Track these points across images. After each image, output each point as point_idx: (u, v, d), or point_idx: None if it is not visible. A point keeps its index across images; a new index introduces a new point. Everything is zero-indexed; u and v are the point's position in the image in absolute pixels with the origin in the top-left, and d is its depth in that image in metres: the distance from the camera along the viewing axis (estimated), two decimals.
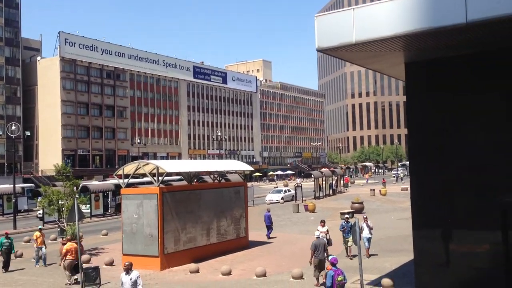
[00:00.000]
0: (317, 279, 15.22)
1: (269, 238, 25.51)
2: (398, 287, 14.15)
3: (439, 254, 14.11)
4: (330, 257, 12.19)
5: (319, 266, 15.17)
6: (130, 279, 11.07)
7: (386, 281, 14.37)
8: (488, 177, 13.36)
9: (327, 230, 18.57)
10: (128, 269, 11.16)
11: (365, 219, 19.66)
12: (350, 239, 18.45)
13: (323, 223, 18.87)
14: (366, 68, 17.40)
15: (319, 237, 15.89)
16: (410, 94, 15.43)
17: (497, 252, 12.55)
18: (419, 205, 14.74)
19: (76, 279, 16.69)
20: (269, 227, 25.88)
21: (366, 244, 19.06)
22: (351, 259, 18.69)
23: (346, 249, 19.41)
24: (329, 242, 17.89)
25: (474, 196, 13.54)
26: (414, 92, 15.23)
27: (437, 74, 14.59)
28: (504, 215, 10.60)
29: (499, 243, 12.57)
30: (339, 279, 11.00)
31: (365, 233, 18.93)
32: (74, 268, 16.73)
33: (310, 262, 15.67)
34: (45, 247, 20.57)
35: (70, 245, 17.11)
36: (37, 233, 20.47)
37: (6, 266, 19.25)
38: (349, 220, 19.83)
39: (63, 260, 16.89)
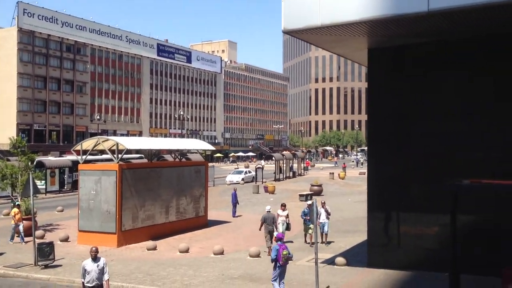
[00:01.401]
0: (269, 248, 16.31)
1: (234, 216, 25.85)
2: (351, 265, 14.61)
3: (391, 235, 14.66)
4: (275, 233, 12.46)
5: (270, 236, 16.79)
6: (97, 266, 9.82)
7: (340, 260, 14.81)
8: (441, 162, 13.90)
9: (287, 215, 18.23)
10: (95, 256, 9.88)
11: (323, 204, 18.77)
12: (312, 226, 17.52)
13: (283, 206, 18.37)
14: (331, 52, 17.60)
15: (269, 211, 17.66)
16: (371, 80, 15.77)
17: (446, 234, 13.08)
18: (374, 187, 15.22)
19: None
20: (235, 206, 26.24)
21: (323, 229, 18.34)
22: (311, 246, 17.58)
23: (305, 235, 18.63)
24: (288, 227, 18.10)
25: (427, 181, 14.08)
26: (375, 78, 15.57)
27: (399, 61, 14.95)
28: (453, 198, 11.04)
29: (447, 225, 13.07)
30: (284, 253, 11.49)
31: (322, 218, 18.28)
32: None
33: (260, 229, 17.63)
34: (23, 224, 19.27)
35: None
36: (15, 210, 19.38)
37: None
38: (312, 207, 18.93)
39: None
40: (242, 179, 49.21)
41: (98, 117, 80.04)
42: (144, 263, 15.73)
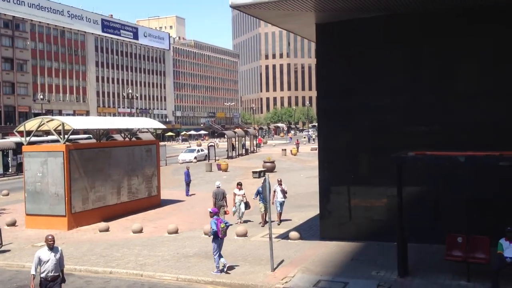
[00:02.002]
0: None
1: (188, 195, 25.80)
2: (305, 239, 14.95)
3: (342, 208, 15.06)
4: (209, 209, 13.04)
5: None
6: (55, 256, 8.89)
7: (294, 234, 15.12)
8: (387, 136, 14.34)
9: (244, 194, 18.03)
10: (52, 245, 8.93)
11: (279, 182, 18.08)
12: (263, 205, 17.10)
13: (239, 186, 18.03)
14: (280, 27, 17.59)
15: (219, 187, 18.05)
16: (319, 55, 15.91)
17: (393, 205, 13.61)
18: (325, 162, 15.53)
19: None
20: (188, 184, 26.12)
21: (278, 208, 17.86)
22: (262, 226, 17.32)
23: (262, 215, 17.69)
24: (247, 206, 17.93)
25: (375, 155, 14.52)
26: (323, 53, 15.72)
27: (346, 36, 15.13)
28: (398, 170, 11.46)
29: (394, 196, 13.59)
30: (222, 226, 12.02)
31: (279, 197, 17.78)
32: None
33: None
34: None
35: None
36: None
37: None
38: (265, 184, 17.19)
39: None
40: (195, 158, 48.94)
41: (41, 96, 76.60)
42: (96, 245, 15.44)
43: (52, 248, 8.94)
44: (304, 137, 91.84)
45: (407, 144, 13.12)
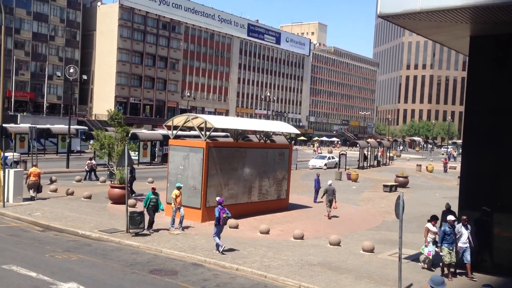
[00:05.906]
0: (328, 213, 21.57)
1: (315, 202, 25.78)
2: (437, 263, 13.98)
3: (482, 236, 13.82)
4: (217, 198, 15.15)
5: (330, 204, 21.52)
6: None
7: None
8: None
9: (437, 231, 13.87)
10: None
11: (465, 221, 13.37)
12: (449, 251, 13.05)
13: (435, 220, 14.13)
14: (428, 39, 16.72)
15: (330, 185, 21.79)
16: (471, 69, 14.83)
17: None
18: (467, 184, 14.41)
19: (33, 197, 21.08)
20: (317, 191, 26.14)
21: (467, 257, 13.20)
22: (449, 279, 12.75)
23: (444, 267, 13.39)
24: (436, 246, 13.69)
25: None
26: (476, 67, 14.62)
27: (504, 50, 13.86)
28: None
29: None
30: (224, 216, 14.31)
31: (463, 240, 13.26)
32: (37, 188, 21.39)
33: (322, 197, 22.47)
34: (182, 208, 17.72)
35: (33, 169, 21.43)
36: (176, 192, 17.57)
37: (151, 224, 16.90)
38: (455, 223, 13.36)
39: (28, 180, 21.33)
40: (325, 165, 48.78)
41: (188, 94, 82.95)
42: (226, 240, 16.08)
43: None
44: (442, 154, 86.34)
45: None
